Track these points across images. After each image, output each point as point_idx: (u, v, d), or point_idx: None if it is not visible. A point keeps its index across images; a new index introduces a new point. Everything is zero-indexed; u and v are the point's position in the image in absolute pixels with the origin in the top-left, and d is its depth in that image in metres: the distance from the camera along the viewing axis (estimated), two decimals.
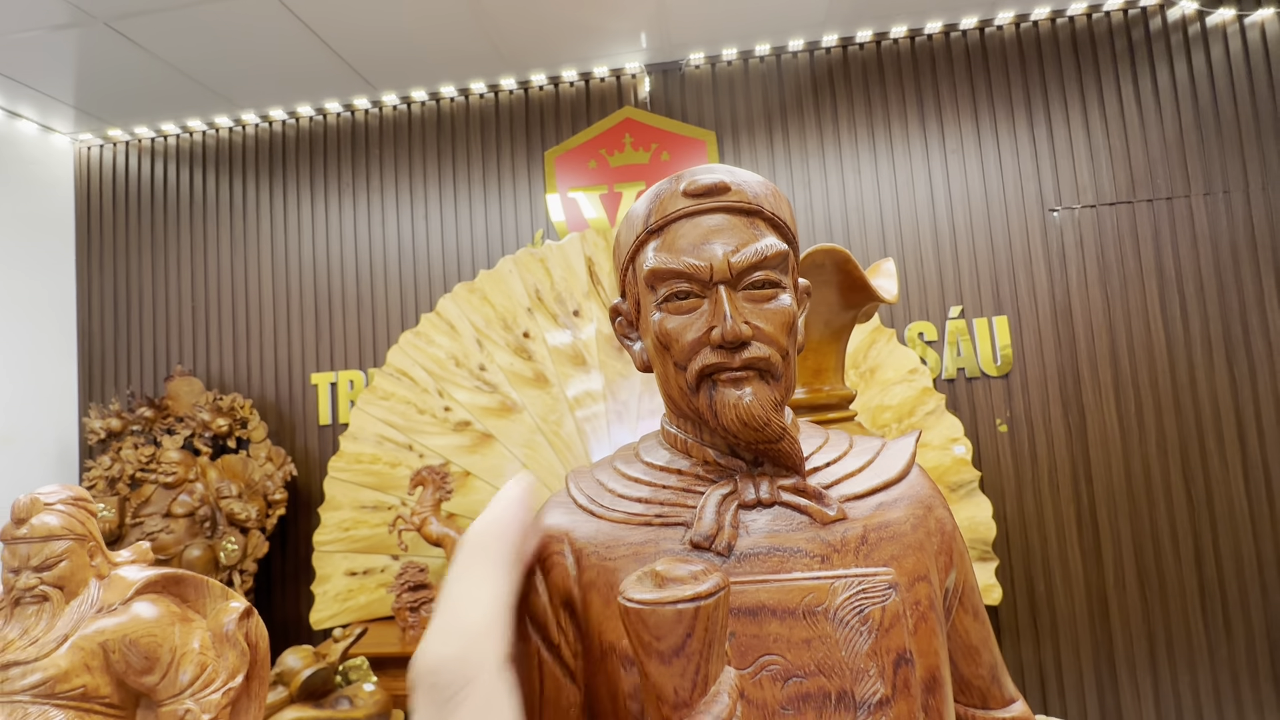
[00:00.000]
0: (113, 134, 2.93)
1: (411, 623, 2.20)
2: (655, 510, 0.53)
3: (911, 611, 0.50)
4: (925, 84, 2.55)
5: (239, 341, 2.81)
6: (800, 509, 0.52)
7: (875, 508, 0.53)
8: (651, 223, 0.55)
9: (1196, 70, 2.43)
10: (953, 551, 0.56)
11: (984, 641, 0.59)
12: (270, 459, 2.55)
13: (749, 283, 0.53)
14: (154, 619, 0.89)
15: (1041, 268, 2.45)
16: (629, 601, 0.40)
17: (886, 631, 0.48)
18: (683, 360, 0.53)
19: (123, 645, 0.87)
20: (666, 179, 0.57)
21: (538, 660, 0.52)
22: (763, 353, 0.52)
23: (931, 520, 0.55)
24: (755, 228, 0.54)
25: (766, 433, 0.51)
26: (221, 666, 0.90)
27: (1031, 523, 2.38)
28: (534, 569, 0.54)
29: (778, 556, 0.50)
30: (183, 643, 0.89)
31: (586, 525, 0.54)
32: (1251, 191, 2.37)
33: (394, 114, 2.81)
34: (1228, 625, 2.29)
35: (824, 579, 0.49)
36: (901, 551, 0.51)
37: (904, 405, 2.36)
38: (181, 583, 0.94)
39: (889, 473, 0.55)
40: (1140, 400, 2.37)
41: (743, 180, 0.55)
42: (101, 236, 2.94)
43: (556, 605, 0.52)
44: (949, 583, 0.55)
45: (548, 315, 2.58)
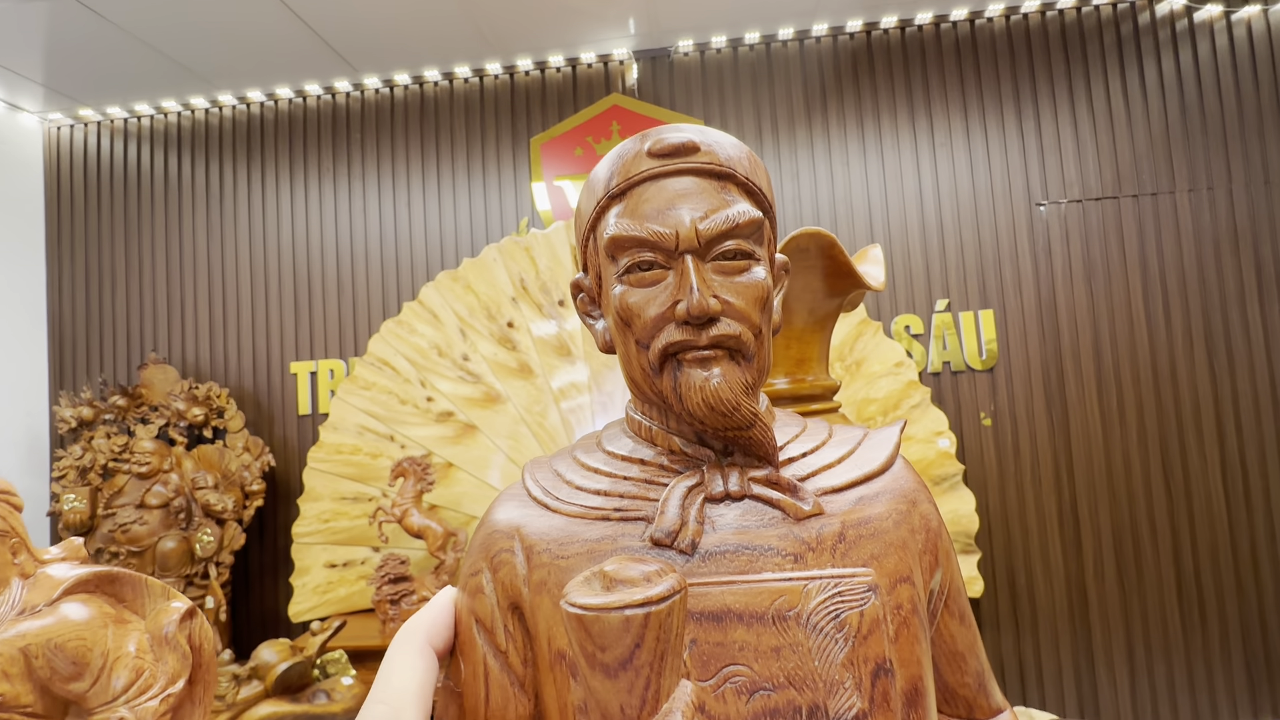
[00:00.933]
0: (84, 114, 2.84)
1: (392, 615, 2.17)
2: (614, 504, 0.48)
3: (892, 616, 0.45)
4: (915, 75, 2.54)
5: (215, 329, 2.75)
6: (772, 503, 0.47)
7: (855, 502, 0.48)
8: (613, 186, 0.50)
9: (1183, 66, 2.44)
10: (938, 550, 0.51)
11: (970, 647, 0.54)
12: (248, 449, 2.50)
13: (719, 253, 0.48)
14: (83, 621, 0.82)
15: (1027, 262, 2.45)
16: (570, 606, 0.35)
17: (864, 639, 0.43)
18: (645, 338, 0.48)
19: (47, 650, 0.80)
20: (631, 138, 0.51)
21: (484, 669, 0.47)
22: (733, 330, 0.47)
23: (916, 516, 0.50)
24: (727, 192, 0.49)
25: (735, 418, 0.46)
26: (160, 671, 0.83)
27: (1014, 516, 2.40)
28: (481, 563, 0.50)
29: (746, 555, 0.45)
30: (116, 646, 0.82)
31: (539, 520, 0.49)
32: (1234, 188, 2.39)
33: (376, 97, 2.75)
34: (1203, 617, 2.32)
35: (797, 580, 0.44)
36: (882, 550, 0.47)
37: (889, 398, 2.36)
38: (117, 581, 0.87)
39: (871, 464, 0.51)
40: (1122, 395, 2.39)
41: (714, 141, 0.50)
42: (72, 220, 2.85)
43: (504, 609, 0.48)
44: (934, 584, 0.51)
45: (532, 305, 2.55)
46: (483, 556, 0.50)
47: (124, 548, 2.32)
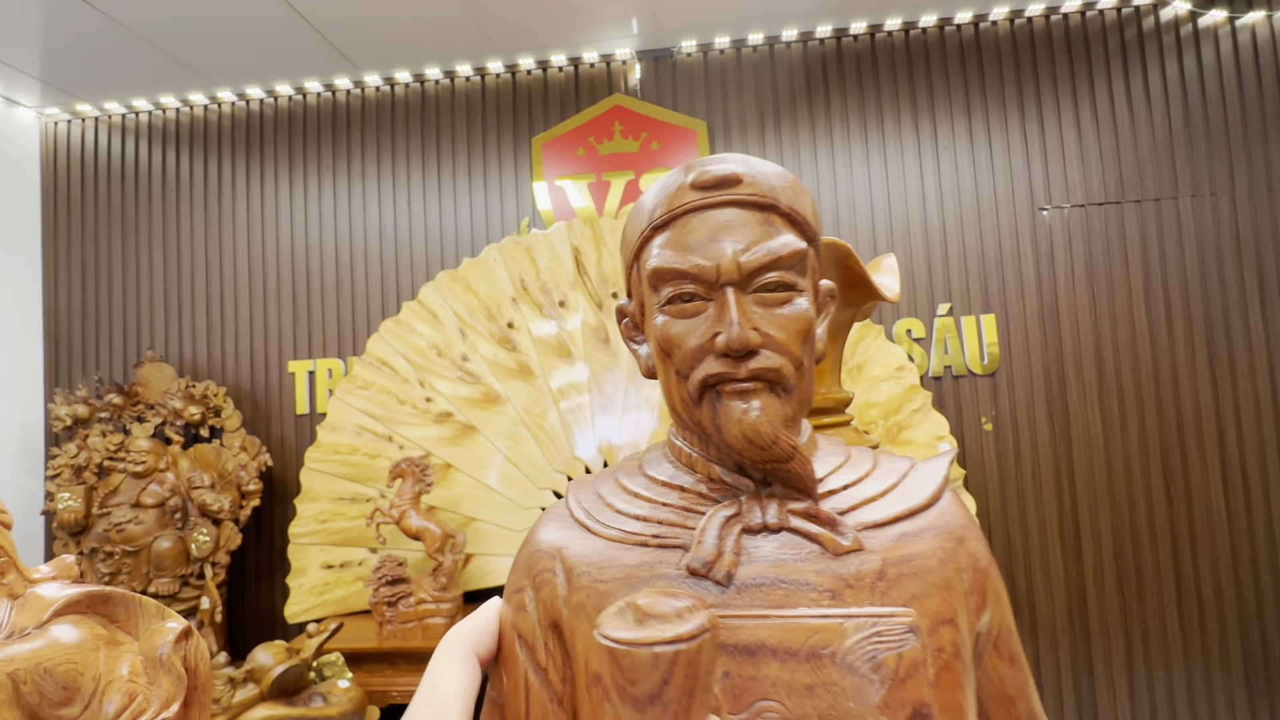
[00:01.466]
0: (81, 109, 2.81)
1: (389, 617, 2.16)
2: (653, 530, 0.48)
3: (933, 660, 0.43)
4: (918, 78, 2.53)
5: (213, 327, 2.73)
6: (811, 536, 0.46)
7: (897, 538, 0.47)
8: (657, 217, 0.51)
9: (1188, 71, 2.43)
10: (986, 591, 0.50)
11: (1020, 691, 0.52)
12: (245, 449, 2.48)
13: (761, 284, 0.48)
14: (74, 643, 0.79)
15: (1030, 266, 2.45)
16: (603, 638, 0.36)
17: (902, 682, 0.42)
18: (685, 369, 0.49)
19: (36, 675, 0.76)
20: (676, 169, 0.52)
21: (525, 684, 0.48)
22: (773, 363, 0.47)
23: (963, 554, 0.48)
24: (770, 224, 0.49)
25: (774, 451, 0.46)
26: (154, 695, 0.80)
27: (1014, 521, 2.39)
28: (524, 582, 0.51)
29: (782, 589, 0.44)
30: (109, 669, 0.80)
31: (581, 543, 0.50)
32: (1237, 195, 2.38)
33: (377, 95, 2.73)
34: (1203, 624, 2.32)
35: (833, 618, 0.43)
36: (925, 590, 0.45)
37: (890, 402, 2.35)
38: (109, 601, 0.84)
39: (916, 498, 0.49)
40: (1123, 400, 2.39)
41: (758, 171, 0.50)
42: (69, 216, 2.83)
43: (545, 627, 0.49)
44: (980, 625, 0.49)
45: (533, 305, 2.53)
46: (526, 574, 0.51)
47: (119, 547, 2.30)
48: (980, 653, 0.50)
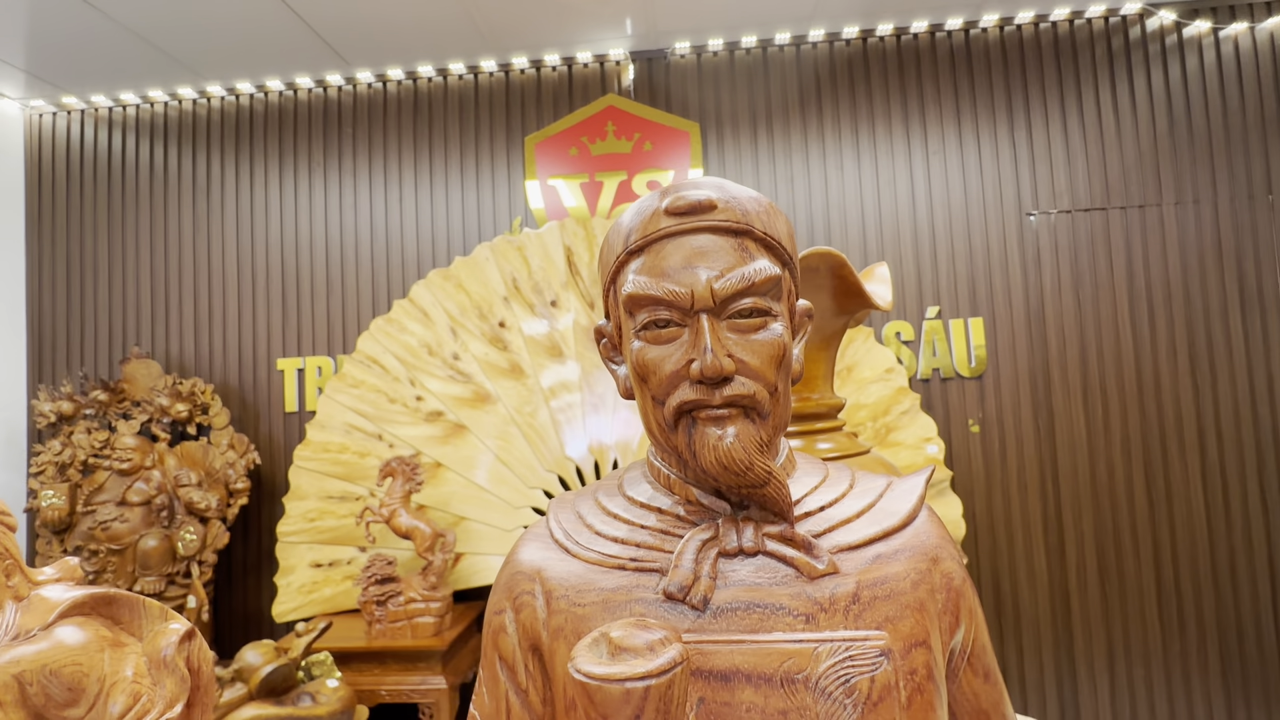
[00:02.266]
0: (67, 101, 2.78)
1: (378, 616, 2.15)
2: (630, 553, 0.49)
3: (906, 682, 0.44)
4: (910, 83, 2.55)
5: (200, 324, 2.70)
6: (786, 560, 0.47)
7: (872, 560, 0.48)
8: (632, 242, 0.51)
9: (1172, 80, 2.47)
10: (960, 610, 0.51)
11: (995, 706, 0.53)
12: (233, 446, 2.46)
13: (735, 310, 0.48)
14: (79, 645, 0.79)
15: (1017, 271, 2.48)
16: (576, 673, 0.37)
17: (874, 706, 0.42)
18: (660, 395, 0.49)
19: (42, 676, 0.77)
20: (652, 193, 0.52)
21: (506, 704, 0.49)
22: (747, 389, 0.47)
23: (937, 575, 0.49)
24: (745, 250, 0.49)
25: (749, 477, 0.46)
26: (158, 696, 0.81)
27: (999, 522, 2.42)
28: (505, 604, 0.52)
29: (757, 614, 0.45)
30: (113, 670, 0.80)
31: (560, 564, 0.50)
32: (1219, 202, 2.43)
33: (368, 92, 2.72)
34: (1182, 624, 2.36)
35: (807, 642, 0.43)
36: (898, 613, 0.46)
37: (879, 404, 2.38)
38: (114, 603, 0.85)
39: (891, 519, 0.50)
40: (1107, 403, 2.42)
41: (732, 196, 0.50)
42: (54, 209, 2.79)
43: (525, 649, 0.50)
44: (954, 643, 0.50)
45: (524, 304, 2.53)
46: (506, 596, 0.51)
47: (104, 545, 2.28)
48: (955, 669, 0.51)
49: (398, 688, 2.08)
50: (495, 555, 2.42)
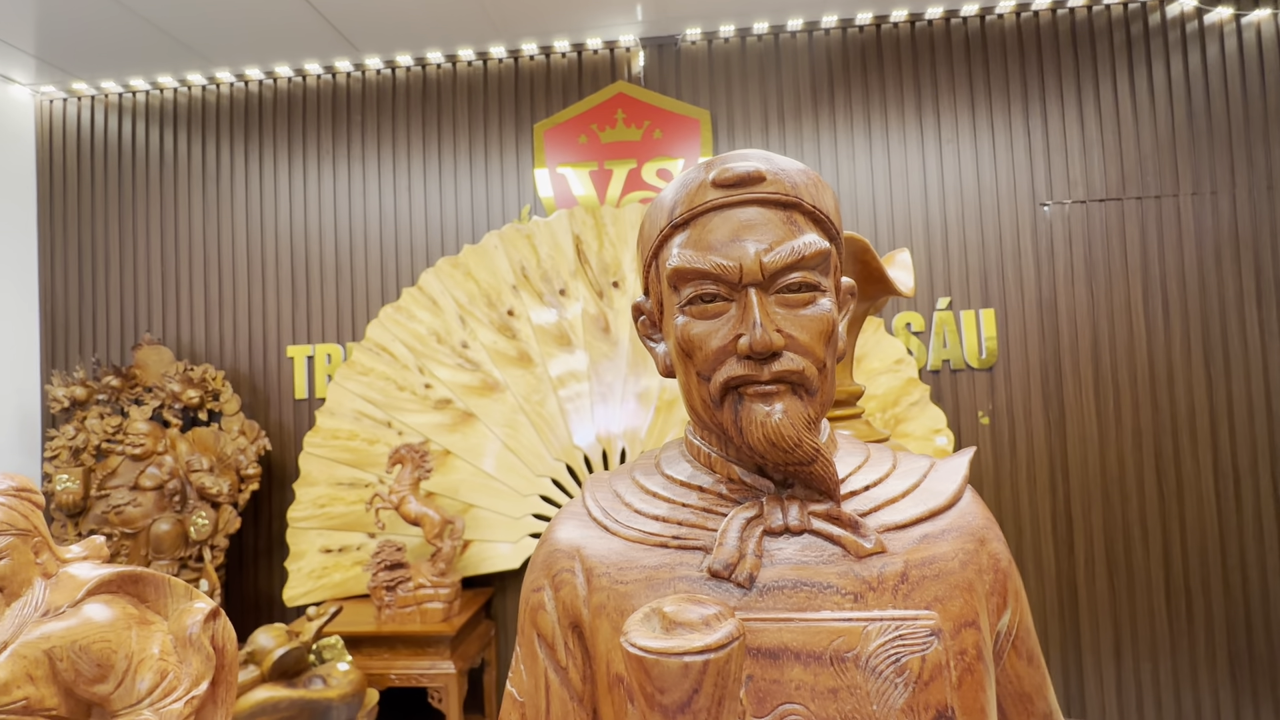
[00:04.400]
0: (77, 88, 2.78)
1: (388, 601, 2.17)
2: (673, 531, 0.48)
3: (956, 662, 0.44)
4: (923, 71, 2.52)
5: (211, 311, 2.72)
6: (833, 539, 0.47)
7: (919, 540, 0.48)
8: (677, 215, 0.50)
9: (1192, 68, 2.43)
10: (1007, 591, 0.51)
11: (1038, 689, 0.53)
12: (243, 433, 2.48)
13: (784, 285, 0.48)
14: (107, 622, 0.81)
15: (1030, 262, 2.45)
16: (631, 646, 0.37)
17: (926, 685, 0.42)
18: (706, 370, 0.48)
19: (71, 652, 0.79)
20: (697, 165, 0.52)
21: (545, 682, 0.49)
22: (796, 365, 0.47)
23: (984, 556, 0.49)
24: (793, 223, 0.48)
25: (797, 454, 0.46)
26: (184, 673, 0.82)
27: (1008, 514, 2.42)
28: (543, 581, 0.51)
29: (805, 592, 0.45)
30: (140, 648, 0.81)
31: (599, 542, 0.50)
32: (1238, 193, 2.39)
33: (377, 78, 2.71)
34: (1190, 617, 2.35)
35: (856, 621, 0.44)
36: (947, 592, 0.46)
37: (888, 395, 2.37)
38: (140, 582, 0.86)
39: (937, 499, 0.50)
40: (1119, 396, 2.40)
41: (780, 168, 0.50)
42: (65, 195, 2.81)
43: (565, 627, 0.50)
44: (1001, 625, 0.50)
45: (533, 293, 2.53)
46: (545, 574, 0.51)
47: (118, 529, 2.30)
48: (1000, 651, 0.51)
49: (407, 672, 2.10)
50: (504, 542, 2.43)
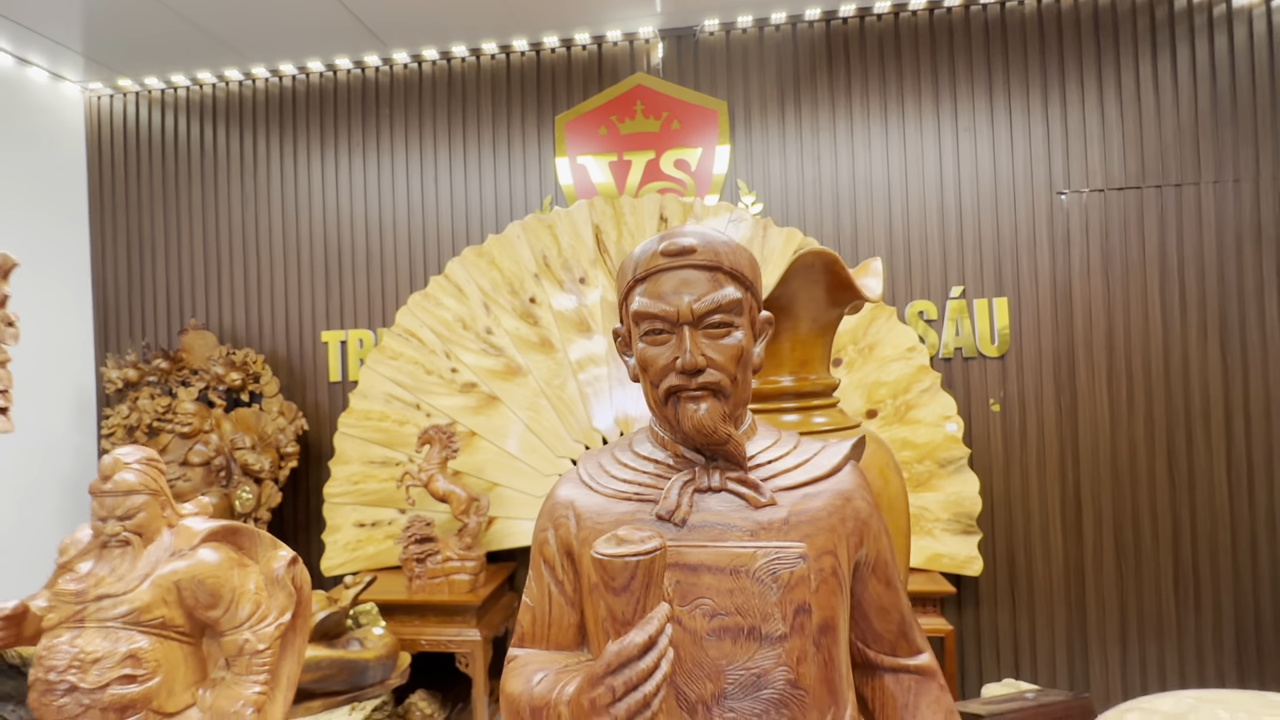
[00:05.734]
0: (123, 84, 2.92)
1: (418, 573, 2.31)
2: (636, 490, 0.72)
3: (815, 576, 0.67)
4: (941, 58, 2.52)
5: (250, 297, 2.86)
6: (740, 495, 0.69)
7: (800, 497, 0.70)
8: (639, 273, 0.73)
9: (1218, 53, 2.39)
10: (864, 534, 0.72)
11: (893, 604, 0.76)
12: (282, 413, 2.63)
13: (708, 323, 0.69)
14: (217, 563, 1.07)
15: (1045, 251, 2.47)
16: (596, 554, 0.57)
17: (792, 589, 0.66)
18: (656, 380, 0.71)
19: (192, 584, 1.06)
20: (653, 238, 0.74)
21: (549, 592, 0.74)
22: (715, 378, 0.69)
23: (849, 509, 0.71)
24: (716, 280, 0.70)
25: (715, 438, 0.69)
26: (272, 605, 1.08)
27: (1016, 499, 2.46)
28: (548, 526, 0.75)
29: (718, 529, 0.68)
30: (240, 584, 1.08)
31: (587, 498, 0.73)
32: (1261, 180, 2.37)
33: (404, 72, 2.79)
34: (1197, 604, 2.39)
35: (749, 548, 0.67)
36: (815, 531, 0.68)
37: (900, 382, 2.42)
38: (238, 533, 1.13)
39: (818, 470, 0.72)
40: (1132, 385, 2.42)
41: (708, 242, 0.71)
42: (114, 188, 2.96)
43: (562, 554, 0.73)
44: (859, 556, 0.73)
45: (554, 281, 2.62)
46: (549, 519, 0.76)
47: None
48: (864, 576, 0.74)
49: (436, 638, 2.25)
50: (526, 520, 2.56)
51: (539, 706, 0.66)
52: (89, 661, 1.00)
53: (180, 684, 1.05)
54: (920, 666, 0.78)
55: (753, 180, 2.62)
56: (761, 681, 0.65)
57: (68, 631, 1.03)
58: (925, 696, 0.77)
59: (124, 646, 1.01)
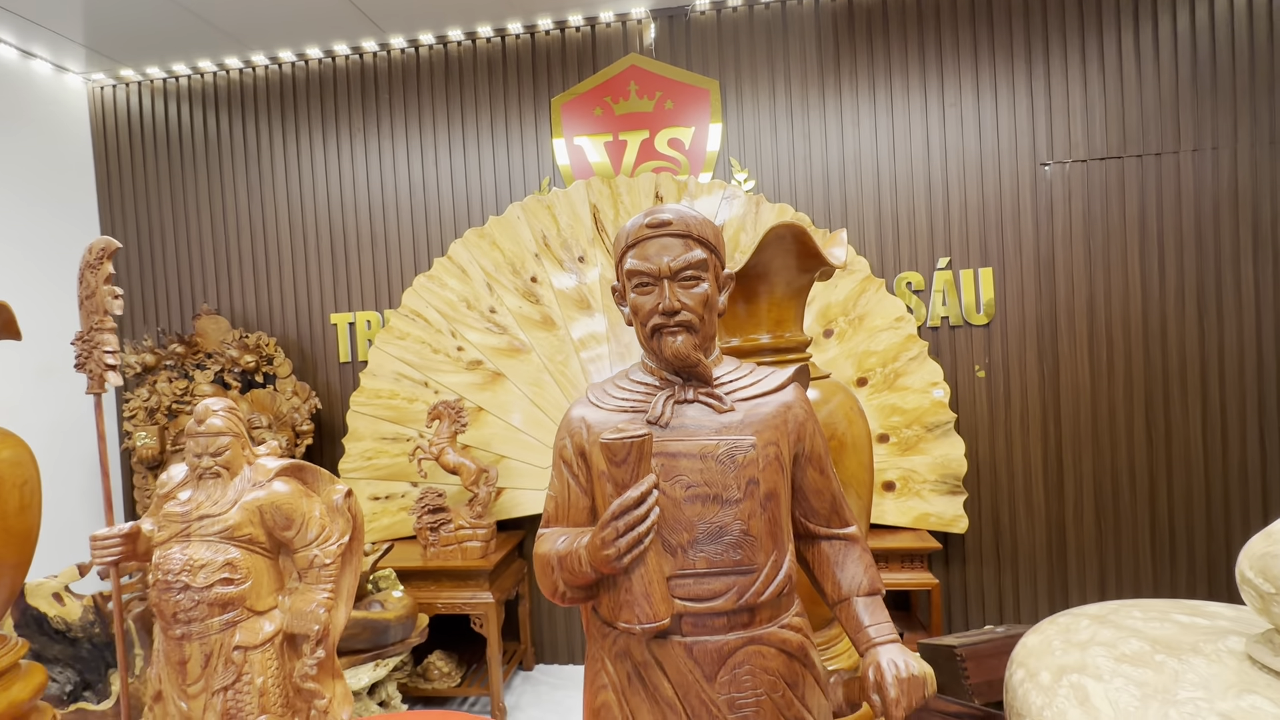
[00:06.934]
0: (125, 74, 2.97)
1: (431, 541, 2.44)
2: (631, 404, 0.98)
3: (763, 458, 0.93)
4: (928, 34, 2.57)
5: (259, 282, 2.95)
6: (709, 405, 0.95)
7: (753, 405, 0.96)
8: (629, 240, 0.98)
9: (1198, 24, 2.45)
10: (801, 433, 0.98)
11: (825, 487, 1.01)
12: (296, 393, 2.73)
13: (682, 277, 0.94)
14: (289, 492, 1.34)
15: (1029, 221, 2.55)
16: (603, 438, 0.84)
17: (744, 467, 0.91)
18: (644, 321, 0.96)
19: (271, 509, 1.32)
20: (640, 214, 0.98)
21: (567, 484, 0.98)
22: (687, 318, 0.94)
23: (789, 414, 0.97)
24: (688, 245, 0.94)
25: (688, 361, 0.94)
26: (334, 529, 1.34)
27: (1001, 461, 2.58)
28: (565, 435, 0.99)
29: (691, 429, 0.93)
30: (308, 510, 1.34)
31: (595, 413, 0.99)
32: (1239, 148, 2.44)
33: (402, 57, 2.84)
34: (1173, 556, 2.52)
35: (714, 440, 0.92)
36: (763, 428, 0.94)
37: (888, 351, 2.52)
38: (303, 470, 1.39)
39: (767, 386, 0.98)
40: (1112, 349, 2.52)
41: (680, 217, 0.95)
42: (120, 176, 3.03)
43: (576, 455, 0.98)
44: (798, 449, 0.98)
45: (554, 260, 2.70)
46: (566, 431, 1.00)
47: None
48: (802, 465, 0.99)
49: (452, 601, 2.38)
50: (533, 490, 2.68)
51: (564, 555, 0.91)
52: (197, 566, 1.27)
53: (265, 589, 1.33)
54: (848, 535, 1.02)
55: (745, 158, 2.69)
56: (723, 532, 0.90)
57: (177, 544, 1.30)
58: (850, 555, 1.01)
59: (222, 556, 1.27)
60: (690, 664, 0.89)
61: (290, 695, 1.31)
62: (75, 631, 2.05)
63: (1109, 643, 1.00)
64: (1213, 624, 1.00)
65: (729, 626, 0.90)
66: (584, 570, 0.88)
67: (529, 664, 2.77)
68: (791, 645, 0.93)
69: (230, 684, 1.25)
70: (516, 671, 2.76)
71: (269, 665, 1.28)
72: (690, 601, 0.89)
